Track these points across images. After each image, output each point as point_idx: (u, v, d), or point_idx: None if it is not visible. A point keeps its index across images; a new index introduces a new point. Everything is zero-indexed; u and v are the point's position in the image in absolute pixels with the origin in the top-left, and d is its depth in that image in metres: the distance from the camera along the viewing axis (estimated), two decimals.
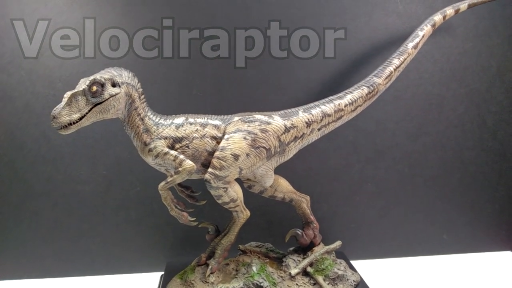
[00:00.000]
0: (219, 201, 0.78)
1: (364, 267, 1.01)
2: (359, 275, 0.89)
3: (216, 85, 1.00)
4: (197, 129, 0.76)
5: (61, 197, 1.01)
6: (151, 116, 0.76)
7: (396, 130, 1.06)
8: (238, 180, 0.81)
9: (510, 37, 1.05)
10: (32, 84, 0.96)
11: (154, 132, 0.74)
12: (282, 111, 0.80)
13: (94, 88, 0.68)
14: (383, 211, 1.09)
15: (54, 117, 0.66)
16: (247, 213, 0.82)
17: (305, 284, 0.83)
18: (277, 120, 0.78)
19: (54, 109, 0.67)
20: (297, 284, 0.83)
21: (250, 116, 0.78)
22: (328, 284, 0.83)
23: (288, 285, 0.82)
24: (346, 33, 1.01)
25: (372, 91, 0.83)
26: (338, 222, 1.08)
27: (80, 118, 0.68)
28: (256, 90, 1.01)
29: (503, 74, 1.06)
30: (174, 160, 0.74)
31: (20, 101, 0.96)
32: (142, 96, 0.75)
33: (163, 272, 0.95)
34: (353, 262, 0.96)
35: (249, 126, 0.77)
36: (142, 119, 0.74)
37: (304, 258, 0.87)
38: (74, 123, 0.68)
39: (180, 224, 0.80)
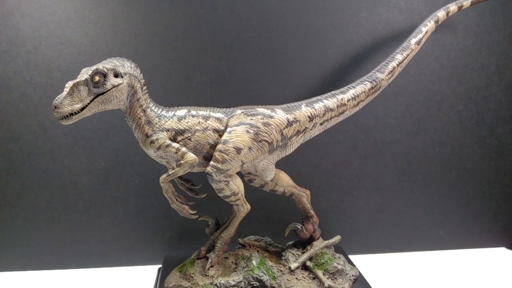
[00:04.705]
0: (220, 194, 0.78)
1: (362, 261, 1.01)
2: (357, 269, 0.89)
3: (217, 78, 0.99)
4: (199, 121, 0.75)
5: (58, 189, 0.99)
6: (153, 107, 0.75)
7: (395, 126, 1.06)
8: (239, 174, 0.80)
9: (510, 35, 1.05)
10: (29, 73, 0.94)
11: (156, 124, 0.74)
12: (284, 105, 0.80)
13: (97, 78, 0.67)
14: (381, 207, 1.10)
15: (55, 107, 0.65)
16: (247, 207, 0.82)
17: (304, 278, 0.84)
18: (279, 114, 0.78)
19: (56, 98, 0.65)
20: (296, 278, 0.83)
21: (252, 110, 0.78)
22: (327, 278, 0.83)
23: (287, 279, 0.82)
24: (347, 28, 1.01)
25: (375, 87, 0.83)
26: (337, 217, 1.08)
27: (82, 109, 0.67)
28: (256, 84, 1.01)
29: (503, 72, 1.07)
30: (176, 153, 0.73)
31: (17, 91, 0.95)
32: (144, 87, 0.74)
33: (160, 265, 0.94)
34: (350, 257, 0.96)
35: (251, 119, 0.76)
36: (144, 111, 0.73)
37: (303, 253, 0.87)
38: (75, 113, 0.67)
39: (178, 217, 0.80)
